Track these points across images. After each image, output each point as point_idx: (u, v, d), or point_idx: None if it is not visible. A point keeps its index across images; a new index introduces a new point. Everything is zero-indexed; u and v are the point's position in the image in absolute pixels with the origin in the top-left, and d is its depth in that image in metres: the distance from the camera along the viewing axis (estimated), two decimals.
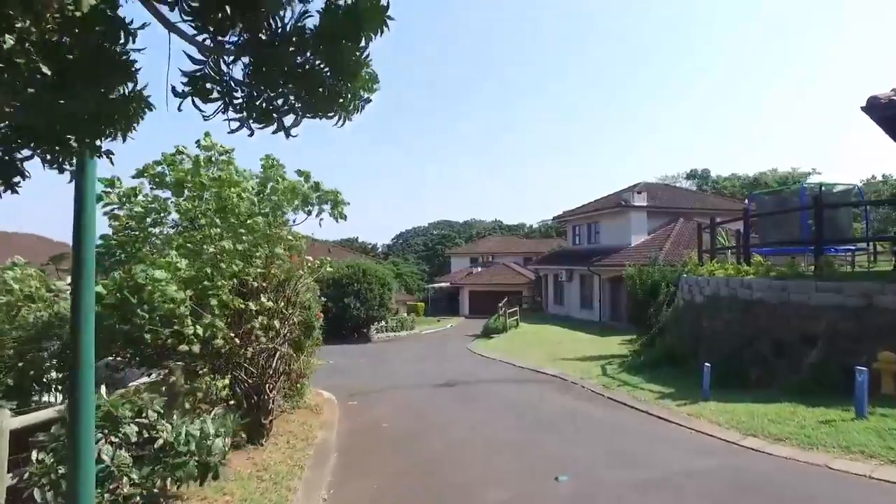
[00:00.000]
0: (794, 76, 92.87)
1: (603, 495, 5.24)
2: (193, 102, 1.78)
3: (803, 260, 11.80)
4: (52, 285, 5.92)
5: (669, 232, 25.59)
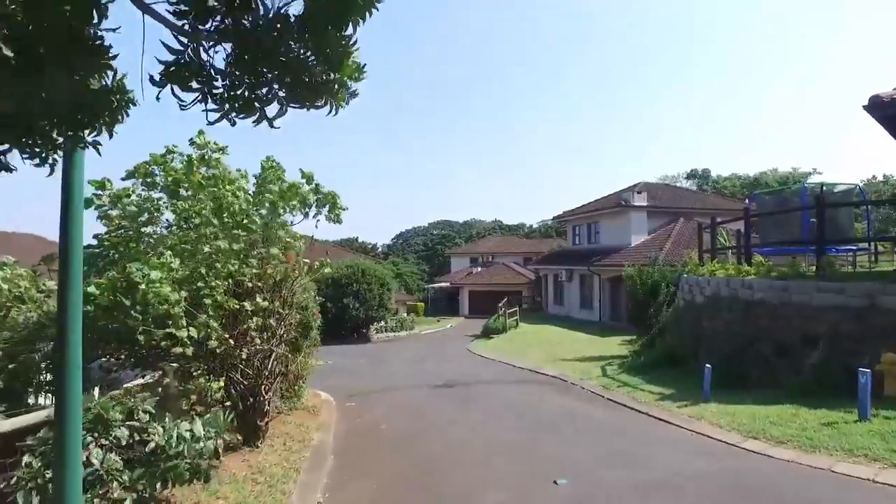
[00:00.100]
0: (794, 76, 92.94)
1: (603, 498, 5.17)
2: (173, 91, 1.70)
3: (804, 260, 11.72)
4: (43, 285, 5.83)
5: (670, 232, 25.50)
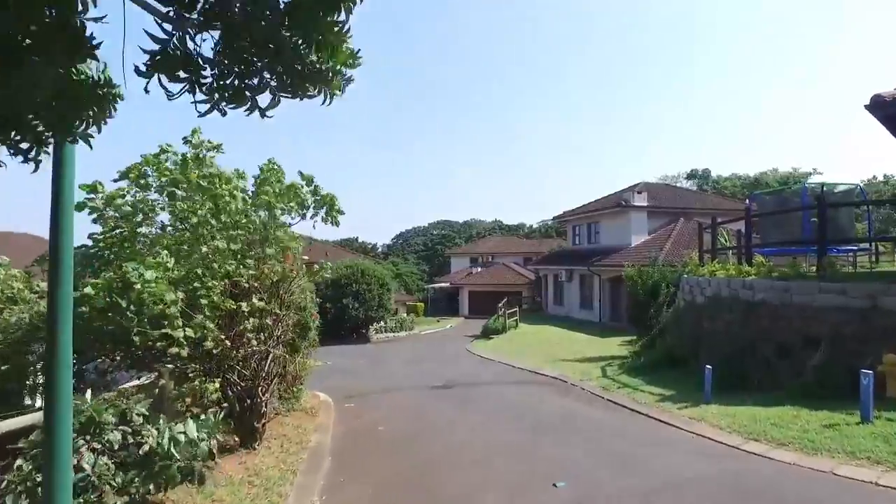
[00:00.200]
0: (794, 76, 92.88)
1: (602, 501, 5.12)
2: (160, 82, 1.64)
3: (805, 260, 11.66)
4: (37, 286, 5.77)
5: (670, 232, 25.43)
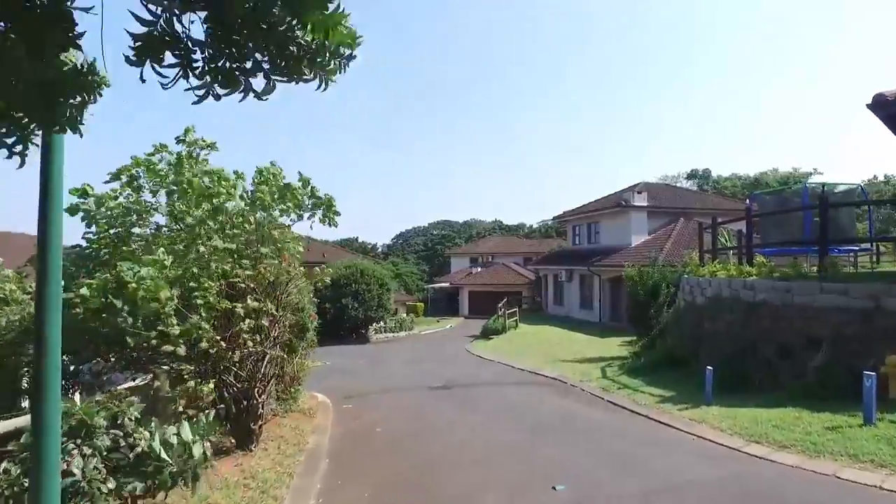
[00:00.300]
0: (794, 76, 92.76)
1: (602, 502, 5.06)
2: (153, 69, 1.57)
3: (805, 261, 11.59)
4: (30, 287, 5.71)
5: (670, 232, 25.36)
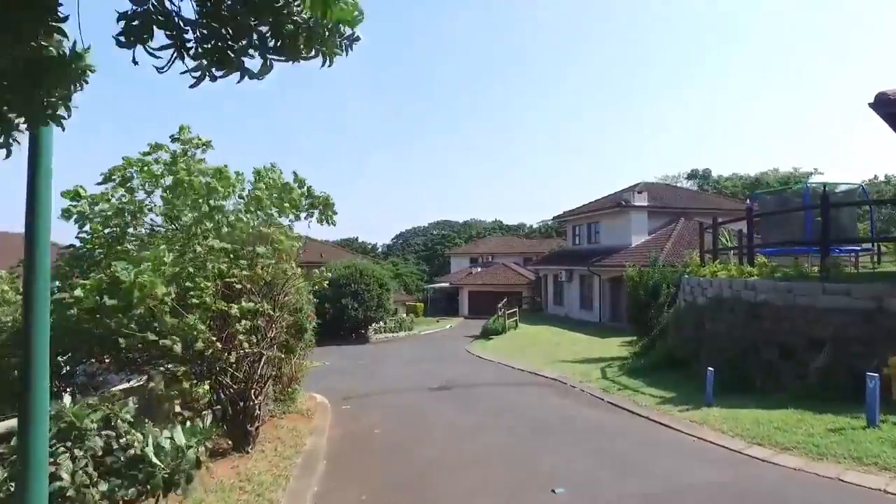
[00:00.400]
0: (795, 76, 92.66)
1: None
2: (146, 50, 1.49)
3: (807, 261, 11.51)
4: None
5: (670, 232, 25.29)
